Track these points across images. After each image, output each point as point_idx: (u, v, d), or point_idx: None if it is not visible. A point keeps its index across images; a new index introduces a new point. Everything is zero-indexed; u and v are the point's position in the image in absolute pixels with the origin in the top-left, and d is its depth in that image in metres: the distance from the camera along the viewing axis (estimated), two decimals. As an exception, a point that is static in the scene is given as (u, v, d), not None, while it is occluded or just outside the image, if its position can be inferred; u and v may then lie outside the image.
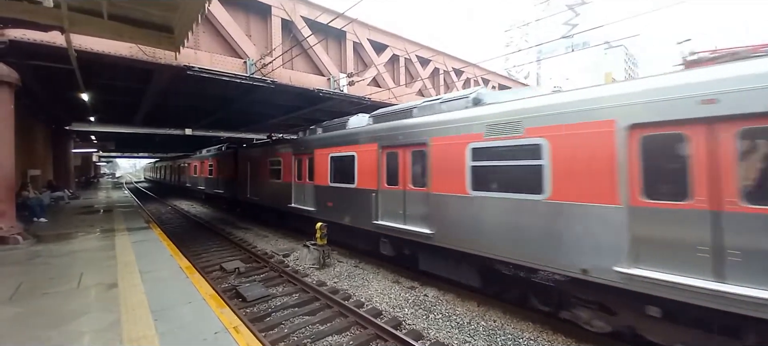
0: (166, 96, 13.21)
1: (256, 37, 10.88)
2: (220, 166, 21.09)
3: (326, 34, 12.35)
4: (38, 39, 7.41)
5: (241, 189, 16.82)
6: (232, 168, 18.31)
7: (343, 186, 9.42)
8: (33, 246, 7.88)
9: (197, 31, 9.46)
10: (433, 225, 6.81)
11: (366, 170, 8.59)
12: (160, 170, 47.11)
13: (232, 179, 18.37)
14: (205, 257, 10.34)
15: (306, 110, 15.89)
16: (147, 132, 20.77)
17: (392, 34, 14.57)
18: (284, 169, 12.53)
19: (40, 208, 11.54)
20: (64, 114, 17.25)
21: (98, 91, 12.54)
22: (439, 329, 5.75)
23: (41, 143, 18.35)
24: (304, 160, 11.45)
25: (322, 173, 10.19)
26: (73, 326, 3.95)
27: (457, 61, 18.05)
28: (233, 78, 9.94)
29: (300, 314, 6.31)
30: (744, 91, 3.59)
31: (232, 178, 18.37)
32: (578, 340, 5.25)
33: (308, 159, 11.15)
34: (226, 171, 19.46)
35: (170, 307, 4.49)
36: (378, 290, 7.44)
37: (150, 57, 8.53)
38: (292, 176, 12.04)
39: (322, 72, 12.21)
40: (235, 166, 17.70)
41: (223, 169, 20.38)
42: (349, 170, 9.13)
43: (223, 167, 20.17)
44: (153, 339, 3.65)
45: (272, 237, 13.08)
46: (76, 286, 5.28)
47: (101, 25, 6.07)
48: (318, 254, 9.16)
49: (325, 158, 10.11)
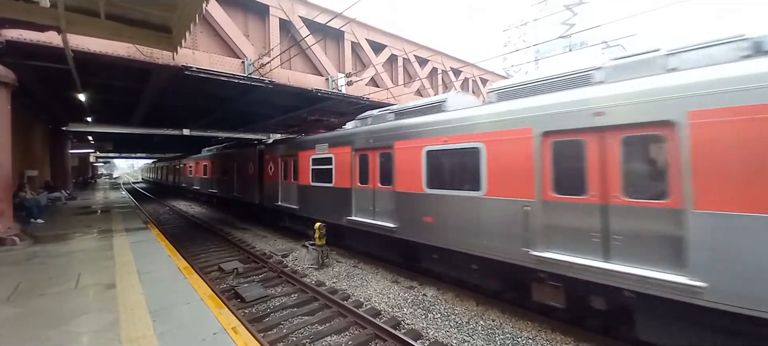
0: (163, 96, 13.18)
1: (254, 37, 10.86)
2: (237, 165, 18.02)
3: (324, 34, 12.34)
4: (35, 39, 7.37)
5: (268, 194, 14.37)
6: (253, 168, 15.92)
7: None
8: (30, 247, 7.85)
9: (195, 31, 9.44)
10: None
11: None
12: (158, 171, 46.96)
13: (252, 181, 15.92)
14: (203, 257, 10.33)
15: (304, 110, 15.87)
16: (145, 132, 20.67)
17: (390, 34, 14.58)
18: (339, 169, 9.80)
19: (37, 209, 11.49)
20: (62, 114, 17.17)
21: (96, 92, 12.49)
22: (438, 328, 5.76)
23: (39, 144, 18.28)
24: (373, 157, 8.71)
25: (414, 173, 7.42)
26: (71, 327, 3.94)
27: (456, 60, 18.07)
28: (231, 78, 9.92)
29: (299, 314, 6.31)
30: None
31: (252, 180, 15.91)
32: (577, 339, 5.28)
33: (380, 155, 8.47)
34: (246, 171, 16.71)
35: (169, 307, 4.49)
36: (377, 289, 7.44)
37: (147, 57, 8.50)
38: (353, 179, 9.29)
39: (321, 72, 12.21)
40: (260, 166, 15.20)
41: (242, 169, 17.25)
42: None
43: (242, 167, 17.16)
44: (152, 339, 3.65)
45: (271, 237, 13.07)
46: (74, 286, 5.27)
47: (98, 25, 6.05)
48: (317, 254, 9.16)
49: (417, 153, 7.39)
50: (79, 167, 35.29)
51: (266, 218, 15.40)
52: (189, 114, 17.91)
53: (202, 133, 21.29)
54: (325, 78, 12.17)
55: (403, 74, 15.58)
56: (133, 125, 19.75)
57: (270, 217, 14.81)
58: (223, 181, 20.17)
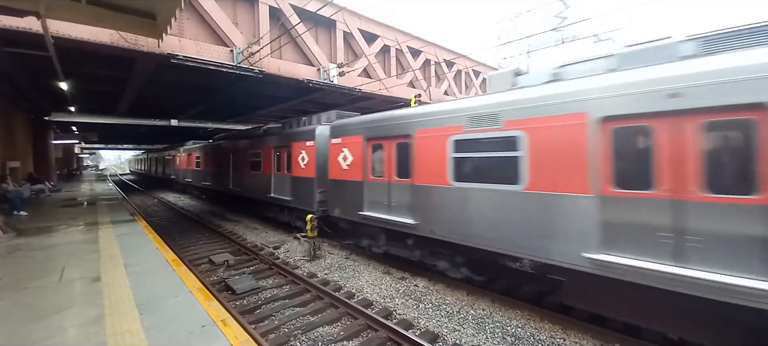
0: (150, 86, 12.84)
1: (243, 24, 10.60)
2: (284, 152, 12.41)
3: (316, 23, 12.11)
4: (14, 25, 7.07)
5: (340, 200, 9.40)
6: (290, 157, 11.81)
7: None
8: (13, 240, 7.63)
9: (181, 18, 9.16)
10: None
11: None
12: (149, 163, 45.97)
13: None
14: (193, 249, 10.21)
15: (296, 101, 15.67)
16: (130, 123, 20.22)
17: (383, 23, 14.39)
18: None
19: (20, 201, 11.16)
20: (44, 104, 16.64)
21: (78, 80, 12.10)
22: (430, 318, 5.81)
23: (21, 134, 17.69)
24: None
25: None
26: (55, 321, 3.85)
27: (449, 52, 17.98)
28: (219, 67, 9.69)
29: (290, 305, 6.29)
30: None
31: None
32: (564, 327, 5.38)
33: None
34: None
35: (156, 300, 4.41)
36: (369, 281, 7.46)
37: (131, 44, 8.23)
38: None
39: (312, 62, 12.01)
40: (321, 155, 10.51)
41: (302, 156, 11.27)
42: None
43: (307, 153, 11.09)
44: (138, 333, 3.58)
45: (262, 229, 12.98)
46: (58, 280, 5.14)
47: (79, 10, 5.80)
48: (308, 246, 9.13)
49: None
50: (64, 159, 34.38)
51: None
52: (177, 104, 17.53)
53: (190, 125, 20.90)
54: (317, 68, 11.98)
55: (396, 65, 15.45)
56: (119, 116, 19.28)
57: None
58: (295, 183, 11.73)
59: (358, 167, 8.71)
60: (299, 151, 11.32)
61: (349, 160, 9.00)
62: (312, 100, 15.29)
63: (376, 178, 8.26)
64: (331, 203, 9.76)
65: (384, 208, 7.97)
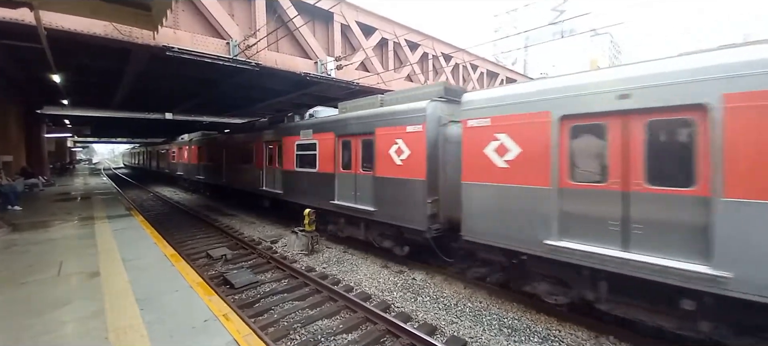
0: (144, 78, 12.68)
1: (240, 16, 10.46)
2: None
3: (313, 16, 11.99)
4: (7, 16, 6.93)
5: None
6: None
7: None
8: (8, 235, 7.58)
9: (176, 9, 9.02)
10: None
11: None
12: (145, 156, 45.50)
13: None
14: (190, 244, 10.19)
15: (293, 95, 15.56)
16: (125, 116, 19.97)
17: (381, 16, 14.27)
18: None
19: (13, 195, 11.05)
20: (37, 97, 16.39)
21: (72, 73, 11.92)
22: (428, 310, 5.88)
23: (14, 128, 17.43)
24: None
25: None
26: (55, 315, 3.85)
27: (446, 46, 17.89)
28: (216, 60, 9.58)
29: (289, 299, 6.33)
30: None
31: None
32: (560, 320, 5.47)
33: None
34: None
35: (156, 295, 4.42)
36: (367, 274, 7.51)
37: (126, 36, 8.11)
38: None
39: (309, 55, 11.91)
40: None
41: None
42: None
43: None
44: (140, 328, 3.60)
45: (259, 223, 12.97)
46: (56, 274, 5.13)
47: (73, 1, 5.71)
48: (306, 240, 9.15)
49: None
50: (56, 152, 33.89)
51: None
52: (172, 97, 17.33)
53: (185, 118, 20.70)
54: (315, 61, 11.89)
55: (394, 59, 15.37)
56: (113, 109, 19.04)
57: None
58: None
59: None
60: (392, 141, 7.87)
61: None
62: (309, 94, 15.21)
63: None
64: (475, 223, 6.09)
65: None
